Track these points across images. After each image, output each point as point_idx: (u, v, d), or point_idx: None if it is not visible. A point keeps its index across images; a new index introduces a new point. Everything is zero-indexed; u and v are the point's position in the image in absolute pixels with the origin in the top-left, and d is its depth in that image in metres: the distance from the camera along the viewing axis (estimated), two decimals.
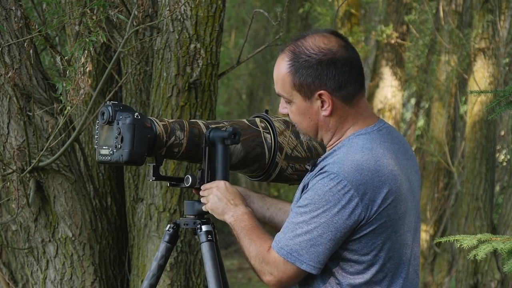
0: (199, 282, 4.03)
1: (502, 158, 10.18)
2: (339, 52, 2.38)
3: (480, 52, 7.62)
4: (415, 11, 9.96)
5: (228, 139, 2.68)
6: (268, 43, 4.34)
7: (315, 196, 2.31)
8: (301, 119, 2.45)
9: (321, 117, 2.41)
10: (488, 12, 7.54)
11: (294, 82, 2.40)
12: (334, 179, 2.30)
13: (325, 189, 2.30)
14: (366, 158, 2.32)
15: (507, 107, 3.10)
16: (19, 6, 3.79)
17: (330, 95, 2.38)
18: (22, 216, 3.96)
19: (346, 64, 2.38)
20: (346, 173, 2.30)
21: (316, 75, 2.37)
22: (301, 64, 2.38)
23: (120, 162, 2.64)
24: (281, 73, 2.43)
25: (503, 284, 7.18)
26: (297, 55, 2.39)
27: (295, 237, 2.34)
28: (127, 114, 2.63)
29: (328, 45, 2.38)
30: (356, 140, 2.38)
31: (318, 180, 2.33)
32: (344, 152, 2.35)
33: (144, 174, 4.08)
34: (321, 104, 2.39)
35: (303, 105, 2.41)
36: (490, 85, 7.57)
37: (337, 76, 2.37)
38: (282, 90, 2.44)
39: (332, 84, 2.37)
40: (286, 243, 2.35)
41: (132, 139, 2.62)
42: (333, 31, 2.44)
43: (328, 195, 2.30)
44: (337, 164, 2.32)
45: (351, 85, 2.39)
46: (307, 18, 13.03)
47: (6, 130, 3.86)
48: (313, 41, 2.39)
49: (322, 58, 2.37)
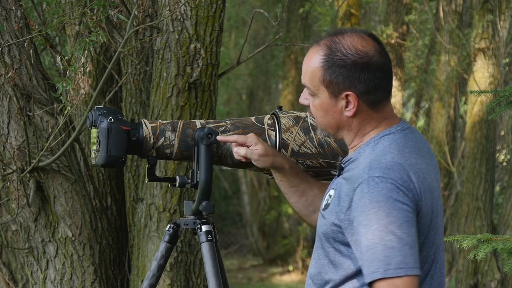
0: (199, 282, 4.03)
1: (502, 158, 10.18)
2: (375, 57, 2.35)
3: (480, 52, 7.62)
4: (415, 11, 9.96)
5: (203, 139, 2.69)
6: (268, 43, 4.34)
7: (374, 206, 2.24)
8: (322, 115, 2.42)
9: (343, 116, 2.38)
10: (488, 12, 7.54)
11: (324, 77, 2.36)
12: (380, 182, 2.24)
13: (378, 195, 2.24)
14: (397, 158, 2.30)
15: (507, 107, 3.10)
16: (19, 6, 3.79)
17: (357, 97, 2.35)
18: (22, 216, 3.96)
19: (379, 70, 2.35)
20: (385, 173, 2.26)
21: (347, 76, 2.34)
22: (335, 62, 2.35)
23: (98, 165, 2.68)
24: (313, 65, 2.39)
25: (503, 284, 7.18)
26: (333, 51, 2.35)
27: (390, 251, 2.21)
28: (102, 118, 2.66)
29: (365, 48, 2.35)
30: (382, 141, 2.36)
31: (364, 190, 2.26)
32: (375, 154, 2.32)
33: (144, 174, 4.08)
34: (346, 104, 2.36)
35: (327, 101, 2.39)
36: (490, 85, 7.57)
37: (368, 80, 2.34)
38: (309, 83, 2.41)
39: (361, 88, 2.34)
40: (386, 261, 2.21)
41: (106, 143, 2.64)
42: (371, 33, 2.40)
43: (382, 198, 2.23)
44: (374, 168, 2.28)
45: (379, 91, 2.36)
46: (307, 18, 13.03)
47: (6, 130, 3.86)
48: (351, 40, 2.35)
49: (358, 60, 2.33)
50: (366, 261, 2.24)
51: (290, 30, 12.70)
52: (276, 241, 14.15)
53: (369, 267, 2.23)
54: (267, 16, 4.19)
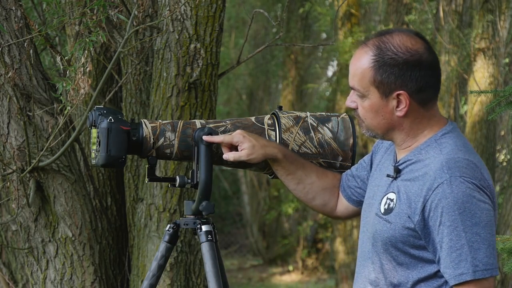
0: (199, 282, 4.03)
1: (502, 158, 10.18)
2: (425, 54, 2.32)
3: (480, 52, 7.63)
4: (415, 11, 9.96)
5: (203, 139, 2.69)
6: (268, 43, 4.34)
7: (459, 207, 2.22)
8: (372, 116, 2.38)
9: (394, 116, 2.35)
10: (488, 12, 7.54)
11: (375, 78, 2.33)
12: (462, 183, 2.23)
13: (462, 195, 2.22)
14: (467, 156, 2.29)
15: (507, 107, 3.10)
16: (19, 6, 3.79)
17: (409, 96, 2.32)
18: (22, 216, 3.96)
19: (429, 68, 2.33)
20: (465, 173, 2.24)
21: (399, 75, 2.31)
22: (385, 61, 2.32)
23: (98, 165, 2.68)
24: (362, 67, 2.35)
25: (503, 284, 7.18)
26: (383, 51, 2.33)
27: (477, 252, 2.22)
28: (102, 118, 2.66)
29: (415, 46, 2.32)
30: (445, 140, 2.34)
31: (446, 190, 2.23)
32: (446, 153, 2.29)
33: (144, 174, 4.08)
34: (397, 104, 2.34)
35: (378, 102, 2.35)
36: (490, 85, 7.58)
37: (420, 78, 2.31)
38: (358, 84, 2.37)
39: (413, 86, 2.31)
40: (474, 263, 2.22)
41: (106, 143, 2.64)
42: (417, 32, 2.38)
43: (466, 199, 2.22)
44: (452, 168, 2.25)
45: (430, 89, 2.34)
46: (307, 18, 13.03)
47: (6, 130, 3.86)
48: (401, 39, 2.33)
49: (409, 58, 2.31)
50: (452, 263, 2.23)
51: (290, 30, 12.70)
52: (276, 241, 14.15)
53: (455, 268, 2.22)
54: (267, 16, 4.19)
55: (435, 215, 2.25)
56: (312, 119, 2.83)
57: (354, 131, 2.85)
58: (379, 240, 2.37)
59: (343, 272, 10.25)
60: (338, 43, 9.77)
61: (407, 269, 2.33)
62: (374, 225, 2.40)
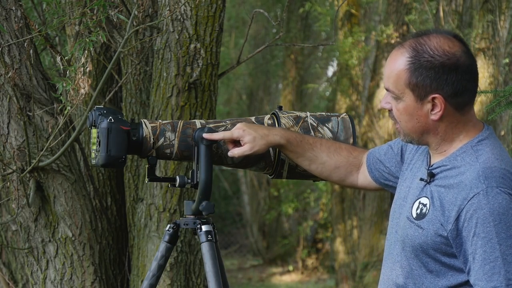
0: (199, 282, 4.03)
1: None
2: (462, 58, 2.27)
3: (480, 52, 7.62)
4: (415, 11, 9.96)
5: (203, 139, 2.69)
6: (268, 43, 4.34)
7: (494, 218, 2.19)
8: (407, 119, 2.33)
9: (429, 120, 2.31)
10: (488, 12, 7.54)
11: (410, 80, 2.28)
12: (499, 194, 2.19)
13: (499, 207, 2.19)
14: (504, 165, 2.25)
15: (507, 107, 3.10)
16: (19, 6, 3.79)
17: (444, 100, 2.27)
18: (22, 216, 3.96)
19: (467, 71, 2.28)
20: (502, 184, 2.20)
21: (435, 78, 2.26)
22: (422, 64, 2.27)
23: (98, 165, 2.68)
24: (398, 68, 2.30)
25: None
26: (419, 53, 2.28)
27: (510, 265, 2.18)
28: (102, 118, 2.66)
29: (452, 49, 2.27)
30: (481, 148, 2.30)
31: (482, 200, 2.20)
32: (482, 162, 2.25)
33: (144, 174, 4.08)
34: (432, 108, 2.29)
35: (412, 105, 2.30)
36: (490, 85, 7.57)
37: (456, 82, 2.27)
38: (393, 86, 2.32)
39: (449, 90, 2.27)
40: (507, 277, 2.18)
41: (106, 143, 2.64)
42: (456, 34, 2.33)
43: (503, 211, 2.18)
44: (489, 177, 2.21)
45: (467, 94, 2.30)
46: (307, 18, 13.03)
47: (6, 130, 3.86)
48: (438, 41, 2.28)
49: (446, 61, 2.26)
50: (485, 275, 2.19)
51: (290, 30, 12.70)
52: (276, 241, 14.15)
53: (488, 281, 2.19)
54: (267, 16, 4.19)
55: (470, 226, 2.21)
56: (312, 119, 2.83)
57: (354, 131, 2.85)
58: (410, 245, 2.34)
59: (343, 272, 10.24)
60: (338, 43, 9.78)
61: (437, 276, 2.31)
62: (405, 229, 2.36)
